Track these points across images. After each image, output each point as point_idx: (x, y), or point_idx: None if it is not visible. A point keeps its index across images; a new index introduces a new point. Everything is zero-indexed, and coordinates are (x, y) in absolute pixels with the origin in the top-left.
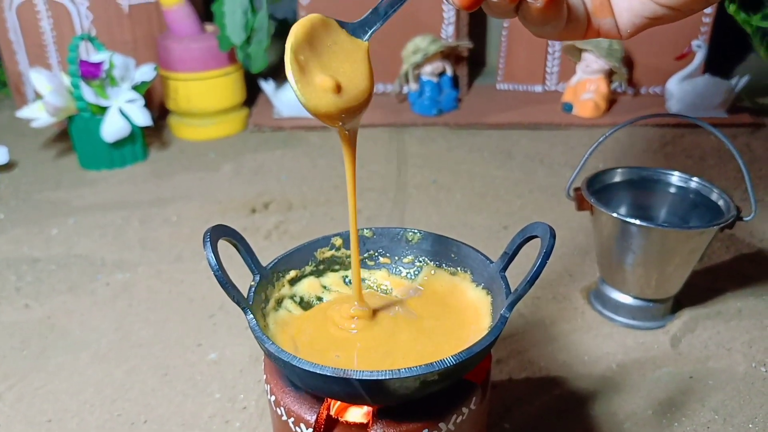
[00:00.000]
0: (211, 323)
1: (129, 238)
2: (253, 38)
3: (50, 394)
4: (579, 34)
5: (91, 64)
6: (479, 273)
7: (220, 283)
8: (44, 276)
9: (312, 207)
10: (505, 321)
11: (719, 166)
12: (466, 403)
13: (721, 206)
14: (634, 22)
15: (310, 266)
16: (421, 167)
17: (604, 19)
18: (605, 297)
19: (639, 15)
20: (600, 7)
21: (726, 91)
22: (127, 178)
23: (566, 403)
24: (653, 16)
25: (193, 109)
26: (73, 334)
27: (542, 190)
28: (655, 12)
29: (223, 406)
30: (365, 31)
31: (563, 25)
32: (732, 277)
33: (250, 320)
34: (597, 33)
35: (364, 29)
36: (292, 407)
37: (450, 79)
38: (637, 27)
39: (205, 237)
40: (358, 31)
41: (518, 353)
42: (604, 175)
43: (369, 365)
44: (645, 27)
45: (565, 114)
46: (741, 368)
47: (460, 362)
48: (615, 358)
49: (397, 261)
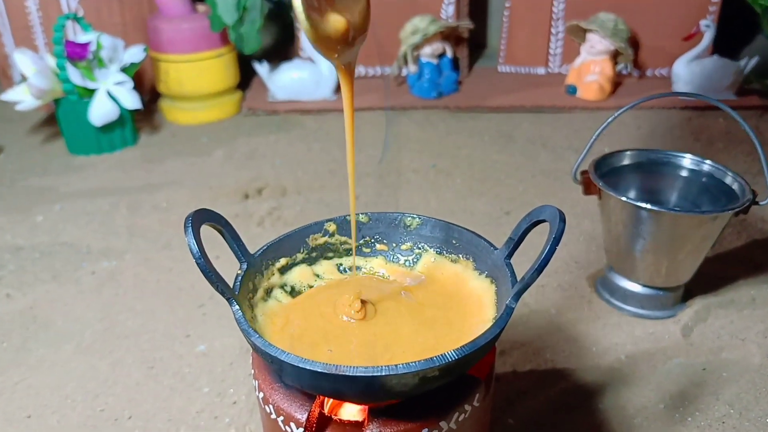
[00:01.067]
0: (201, 313)
1: (116, 225)
2: (245, 18)
3: (30, 388)
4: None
5: (77, 45)
6: (482, 260)
7: (202, 271)
8: (27, 264)
9: (307, 192)
10: (510, 312)
11: (728, 150)
12: (468, 399)
13: (735, 190)
14: None
15: (302, 254)
16: (421, 152)
17: None
18: (613, 285)
19: None
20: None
21: (735, 73)
22: (116, 164)
23: (573, 396)
24: None
25: (184, 92)
26: (55, 325)
27: (545, 174)
28: None
29: (211, 401)
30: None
31: None
32: (744, 265)
33: (236, 311)
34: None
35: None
36: (281, 405)
37: (450, 60)
38: None
39: (187, 222)
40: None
41: (522, 344)
42: (612, 158)
43: (365, 360)
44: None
45: (568, 96)
46: (756, 359)
47: (463, 357)
48: (624, 349)
49: (395, 248)
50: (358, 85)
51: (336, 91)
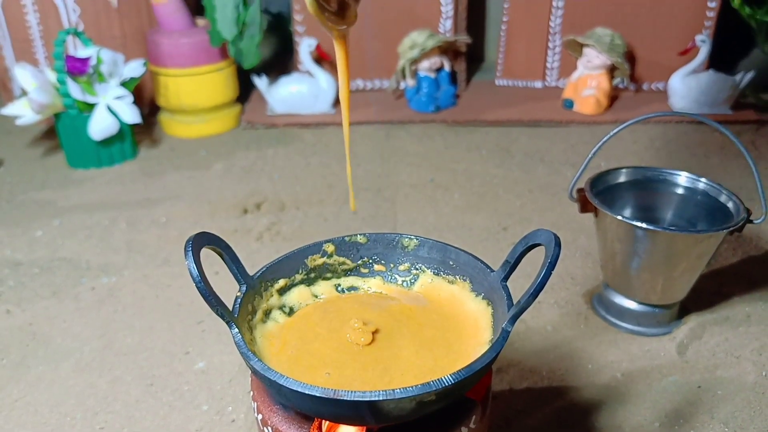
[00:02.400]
0: (200, 330)
1: (115, 241)
2: (245, 33)
3: (29, 405)
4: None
5: (77, 60)
6: (479, 282)
7: (203, 295)
8: (27, 280)
9: (305, 207)
10: (506, 336)
11: (724, 164)
12: (465, 422)
13: (730, 208)
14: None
15: (301, 274)
16: (418, 166)
17: None
18: (609, 302)
19: None
20: None
21: (731, 87)
22: (116, 178)
23: (569, 414)
24: None
25: (183, 105)
26: (54, 342)
27: (542, 189)
28: None
29: (210, 419)
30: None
31: None
32: (740, 281)
33: (235, 335)
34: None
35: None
36: (280, 427)
37: (448, 74)
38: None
39: (187, 246)
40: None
41: (519, 362)
42: (608, 176)
43: (363, 383)
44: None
45: (565, 111)
46: (751, 377)
47: (459, 381)
48: (620, 367)
49: (393, 269)
50: (356, 99)
51: (335, 104)
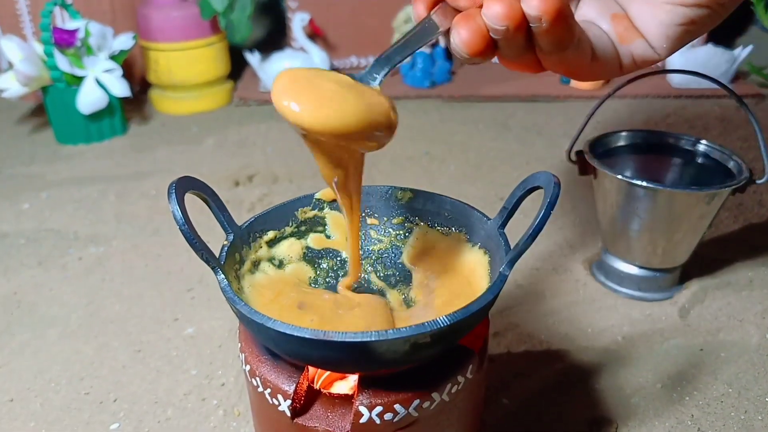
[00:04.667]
0: (189, 297)
1: (104, 212)
2: (236, 4)
3: (12, 372)
4: (613, 68)
5: (65, 32)
6: (475, 232)
7: (186, 238)
8: (12, 251)
9: (298, 180)
10: (504, 279)
11: (723, 136)
12: (461, 371)
13: (732, 168)
14: (667, 34)
15: (291, 227)
16: (413, 139)
17: (633, 43)
18: (609, 268)
19: (670, 25)
20: (625, 33)
21: (729, 62)
22: (105, 153)
23: (569, 376)
24: (685, 21)
25: (174, 81)
26: (40, 310)
27: (540, 161)
28: (685, 16)
29: (199, 383)
30: (373, 77)
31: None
32: (741, 247)
33: (221, 281)
34: (633, 62)
35: (371, 76)
36: (268, 377)
37: (443, 50)
38: (672, 39)
39: (170, 189)
40: (365, 79)
41: (516, 326)
42: (607, 138)
43: (350, 328)
44: (681, 38)
45: (563, 86)
46: (754, 340)
47: (455, 323)
48: (620, 330)
49: (386, 222)
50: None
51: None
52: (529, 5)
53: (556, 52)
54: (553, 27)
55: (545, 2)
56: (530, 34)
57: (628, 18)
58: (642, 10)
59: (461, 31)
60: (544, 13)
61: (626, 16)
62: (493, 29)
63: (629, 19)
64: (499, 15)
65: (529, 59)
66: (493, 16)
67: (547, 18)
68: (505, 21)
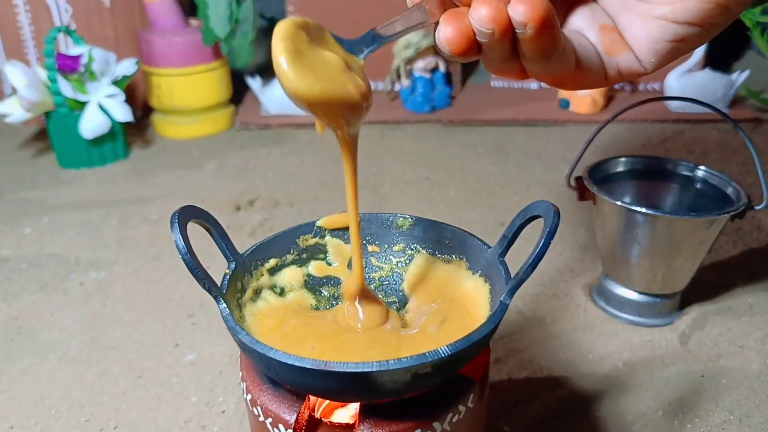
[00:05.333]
0: (190, 323)
1: (106, 237)
2: (237, 31)
3: (13, 399)
4: (598, 78)
5: (68, 57)
6: (476, 260)
7: (189, 267)
8: (14, 275)
9: (299, 204)
10: (504, 308)
11: (722, 161)
12: (462, 400)
13: (730, 194)
14: (655, 49)
15: (292, 255)
16: (414, 164)
17: (620, 55)
18: (609, 293)
19: (660, 40)
20: (613, 45)
21: (726, 86)
22: (107, 177)
23: (570, 403)
24: (675, 38)
25: (176, 105)
26: (41, 336)
27: (540, 185)
28: (676, 33)
29: (199, 410)
30: (361, 50)
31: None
32: (741, 272)
33: (223, 310)
34: (618, 73)
35: (360, 48)
36: (269, 406)
37: (443, 75)
38: (660, 54)
39: (173, 219)
40: (353, 48)
41: (517, 352)
42: (606, 164)
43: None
44: (669, 54)
45: (562, 110)
46: (755, 366)
47: (456, 353)
48: (621, 357)
49: (387, 249)
50: None
51: None
52: (516, 11)
53: (540, 60)
54: (538, 35)
55: (532, 9)
56: (515, 40)
57: (616, 30)
58: (632, 22)
59: (447, 28)
60: (530, 20)
61: (615, 28)
62: (479, 32)
63: (618, 30)
64: (485, 18)
65: (512, 65)
66: (479, 18)
67: (532, 25)
68: (491, 24)
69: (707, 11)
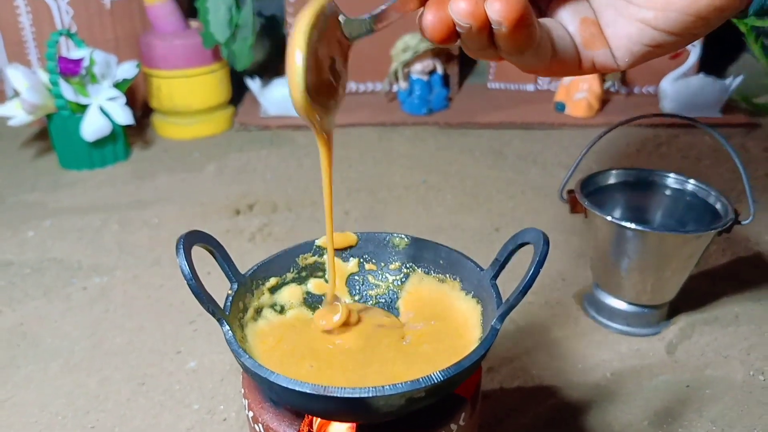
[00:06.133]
0: (191, 329)
1: (107, 242)
2: (237, 35)
3: (17, 406)
4: (572, 69)
5: (70, 61)
6: (469, 281)
7: (194, 293)
8: (17, 280)
9: (297, 209)
10: (495, 334)
11: (715, 167)
12: (454, 419)
13: (719, 209)
14: (632, 50)
15: (292, 273)
16: (411, 167)
17: (598, 50)
18: (599, 303)
19: (637, 42)
20: (591, 39)
21: (720, 91)
22: (108, 179)
23: (560, 413)
24: (652, 43)
25: (176, 107)
26: (44, 342)
27: (535, 190)
28: (653, 38)
29: (201, 418)
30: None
31: (545, 56)
32: (729, 282)
33: (227, 332)
34: (592, 66)
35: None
36: (270, 424)
37: (440, 77)
38: (635, 56)
39: (178, 244)
40: (346, 28)
41: (509, 361)
42: (598, 177)
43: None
44: (644, 56)
45: (557, 113)
46: (739, 376)
47: (449, 378)
48: (610, 366)
49: (384, 267)
50: (349, 101)
51: None
52: (492, 9)
53: (514, 54)
54: (513, 32)
55: (507, 9)
56: (492, 32)
57: (597, 24)
58: (615, 21)
59: (429, 15)
60: (505, 19)
61: (596, 22)
62: (458, 24)
63: (598, 25)
64: (463, 13)
65: (489, 53)
66: (458, 12)
67: (507, 24)
68: (468, 19)
69: (688, 23)
